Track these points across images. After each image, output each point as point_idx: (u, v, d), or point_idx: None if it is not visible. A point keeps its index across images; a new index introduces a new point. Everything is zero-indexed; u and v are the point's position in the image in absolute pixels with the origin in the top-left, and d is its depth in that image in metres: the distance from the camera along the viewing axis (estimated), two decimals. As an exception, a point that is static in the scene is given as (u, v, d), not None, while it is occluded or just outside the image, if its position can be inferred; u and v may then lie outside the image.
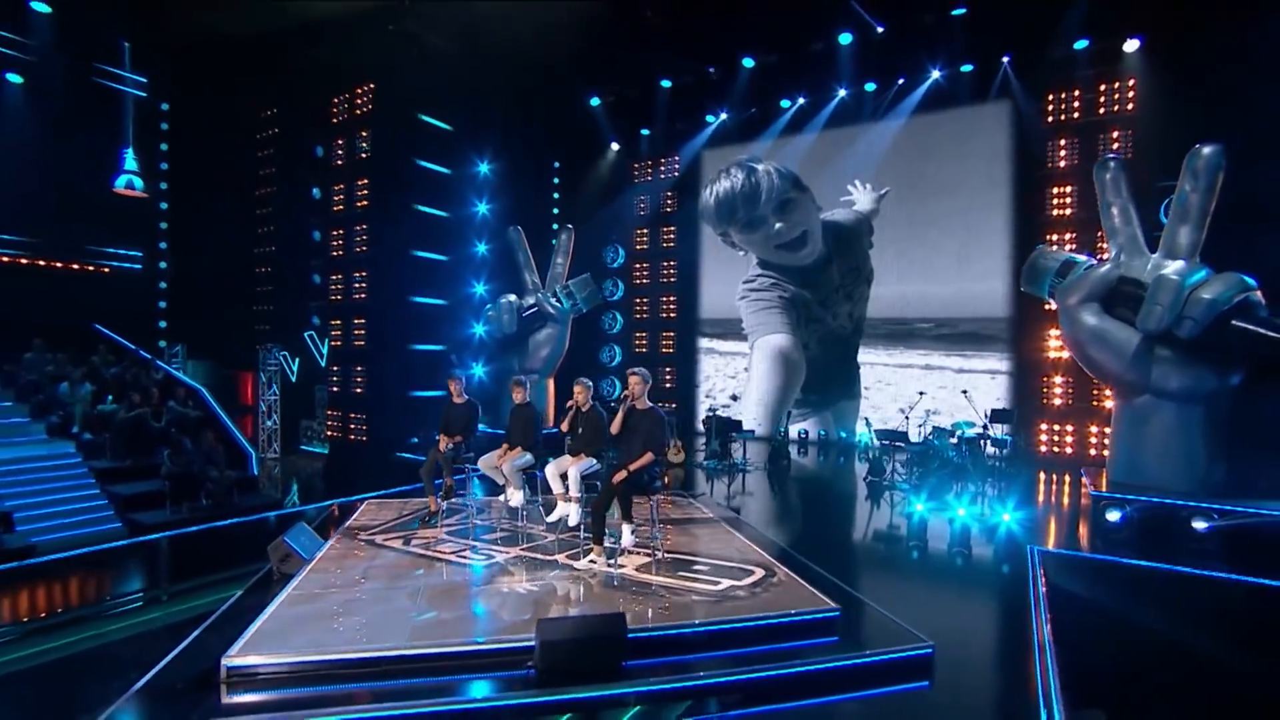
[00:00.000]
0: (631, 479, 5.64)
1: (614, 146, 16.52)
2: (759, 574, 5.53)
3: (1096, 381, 10.28)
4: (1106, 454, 9.04)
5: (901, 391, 13.21)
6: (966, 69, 12.52)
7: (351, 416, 13.56)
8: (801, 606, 4.83)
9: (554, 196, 17.11)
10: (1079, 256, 8.99)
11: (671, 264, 16.46)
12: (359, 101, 13.53)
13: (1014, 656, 4.63)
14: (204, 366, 15.27)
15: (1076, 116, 11.78)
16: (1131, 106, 11.25)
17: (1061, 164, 11.92)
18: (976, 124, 12.72)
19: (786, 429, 13.12)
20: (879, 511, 8.98)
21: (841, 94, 13.79)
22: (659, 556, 5.82)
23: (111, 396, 10.52)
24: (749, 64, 13.60)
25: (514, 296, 12.59)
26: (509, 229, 13.08)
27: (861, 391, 14.00)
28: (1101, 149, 11.32)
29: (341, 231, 13.85)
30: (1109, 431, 8.95)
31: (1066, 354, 9.53)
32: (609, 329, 16.96)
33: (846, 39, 12.41)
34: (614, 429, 5.88)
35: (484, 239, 14.97)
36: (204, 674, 3.95)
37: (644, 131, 16.06)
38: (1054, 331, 11.25)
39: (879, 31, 12.10)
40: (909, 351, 13.52)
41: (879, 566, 7.15)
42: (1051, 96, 11.93)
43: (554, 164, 17.07)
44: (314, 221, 14.40)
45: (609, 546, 5.78)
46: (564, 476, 6.25)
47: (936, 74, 12.81)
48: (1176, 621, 5.62)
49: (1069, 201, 11.79)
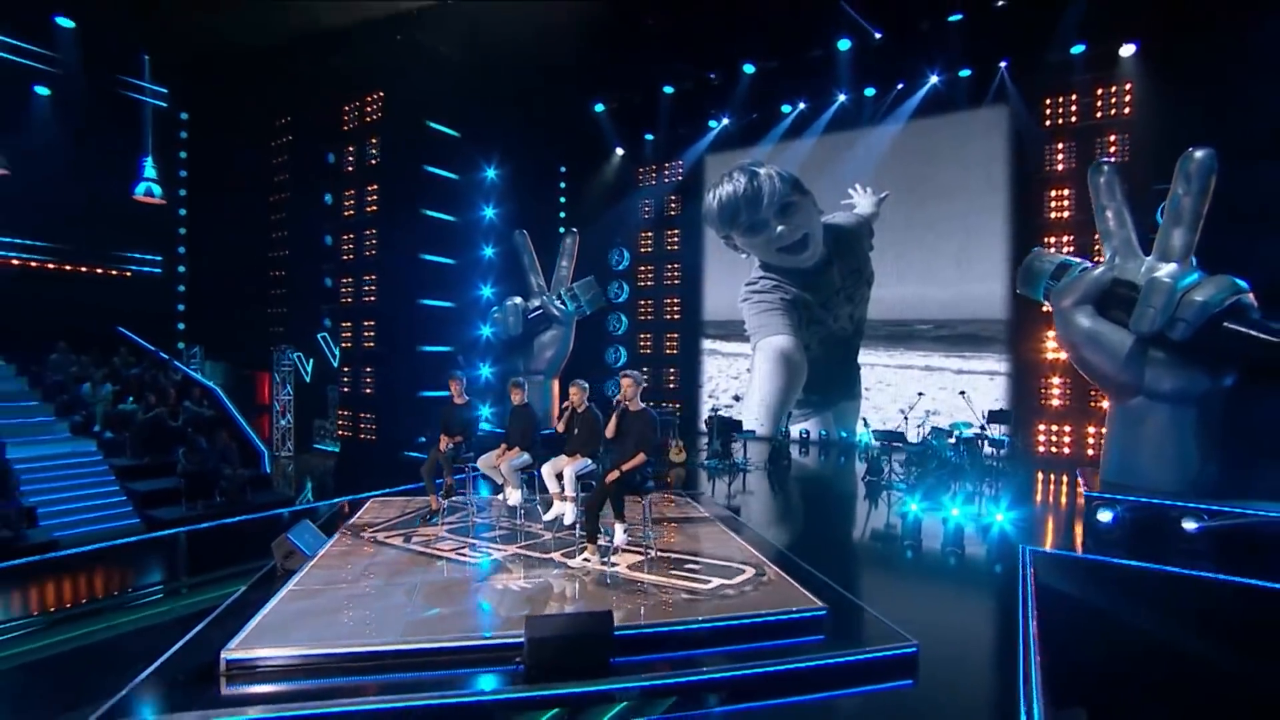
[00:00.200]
0: (624, 479, 5.72)
1: (619, 151, 16.65)
2: (750, 573, 5.58)
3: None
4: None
5: (901, 392, 13.28)
6: (964, 74, 12.57)
7: (361, 416, 13.81)
8: (789, 605, 4.88)
9: (560, 201, 17.29)
10: (1074, 259, 9.05)
11: (675, 266, 16.61)
12: (369, 109, 13.75)
13: (999, 655, 4.64)
14: (221, 367, 15.64)
15: (1074, 120, 11.82)
16: (1128, 110, 11.28)
17: (1059, 167, 11.97)
18: (975, 128, 12.76)
19: (787, 429, 13.22)
20: (876, 511, 9.02)
21: (841, 99, 13.86)
22: (651, 555, 5.90)
23: (132, 397, 10.86)
24: (749, 70, 13.69)
25: (519, 299, 12.72)
26: (515, 233, 13.24)
27: (862, 392, 14.08)
28: (1098, 152, 11.34)
29: (352, 236, 14.08)
30: (1104, 432, 9.01)
31: (1064, 355, 9.59)
32: (614, 330, 17.13)
33: (845, 45, 12.49)
34: (609, 433, 6.01)
35: (491, 243, 15.15)
36: (205, 666, 4.05)
37: (648, 136, 16.19)
38: (1052, 333, 11.29)
39: (877, 38, 12.17)
40: (909, 353, 13.59)
41: (872, 566, 7.22)
42: (1049, 101, 11.98)
43: (560, 169, 17.25)
44: (326, 226, 14.68)
45: (603, 545, 5.89)
46: (560, 476, 6.33)
47: (935, 79, 12.86)
48: (1163, 621, 5.63)
49: (1067, 204, 11.83)
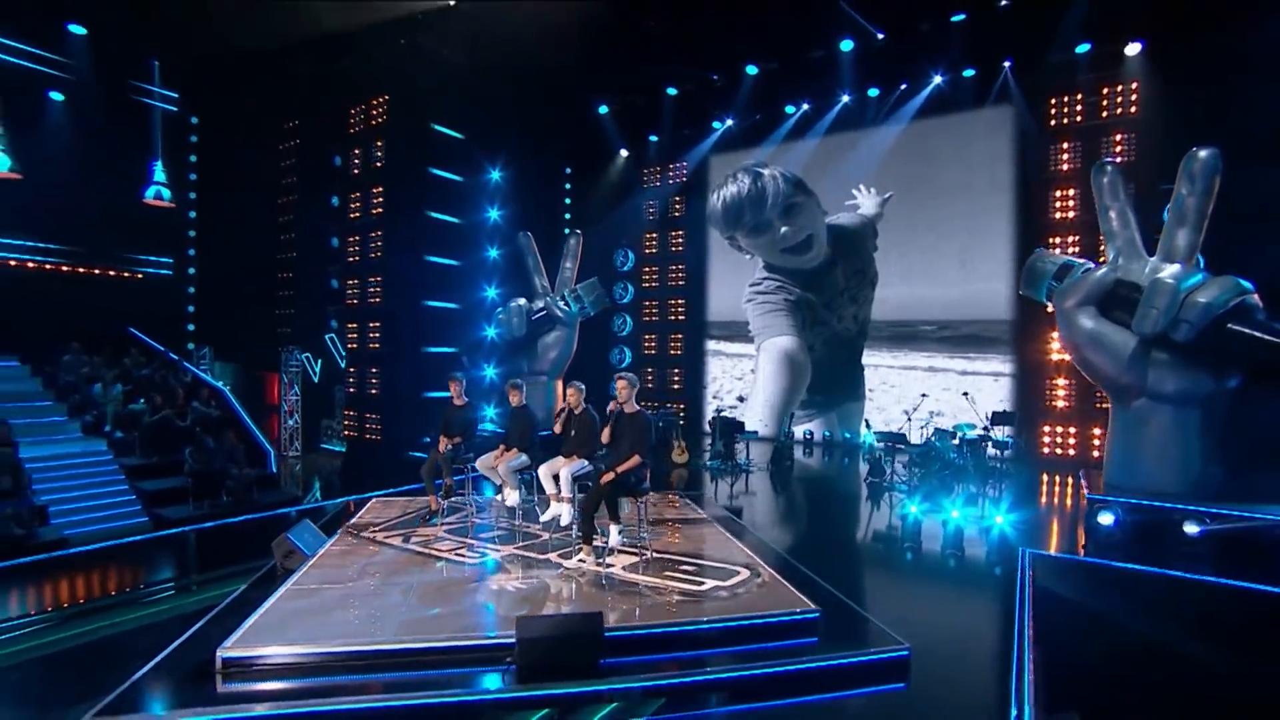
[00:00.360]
0: (618, 480, 5.74)
1: (623, 153, 16.68)
2: (744, 575, 5.60)
3: (1098, 383, 10.27)
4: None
5: (906, 393, 13.23)
6: (968, 74, 12.50)
7: (367, 416, 13.93)
8: (782, 608, 4.90)
9: (565, 202, 17.34)
10: (1077, 260, 9.00)
11: (680, 267, 16.61)
12: (374, 112, 13.86)
13: (993, 659, 4.63)
14: (230, 368, 15.84)
15: (1079, 120, 11.72)
16: (1134, 109, 11.17)
17: (1064, 167, 11.86)
18: (979, 128, 12.69)
19: (791, 430, 13.21)
20: (877, 513, 9.02)
21: (845, 99, 13.82)
22: (647, 556, 5.92)
23: (143, 398, 11.02)
24: (752, 71, 13.68)
25: (524, 300, 12.81)
26: (519, 234, 13.33)
27: (866, 393, 14.05)
28: (1104, 152, 11.24)
29: (358, 238, 14.20)
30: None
31: (1069, 356, 9.54)
32: (619, 331, 17.18)
33: (848, 46, 12.45)
34: (604, 439, 6.04)
35: (495, 244, 15.23)
36: (202, 664, 4.11)
37: (652, 138, 16.21)
38: (1056, 334, 11.20)
39: (879, 39, 12.12)
40: (913, 353, 13.54)
41: (870, 568, 7.22)
42: (1054, 100, 11.88)
43: (565, 170, 17.30)
44: (332, 228, 14.82)
45: (598, 546, 5.93)
46: (556, 477, 6.37)
47: (938, 79, 12.80)
48: (1162, 625, 5.58)
49: (1072, 205, 11.73)
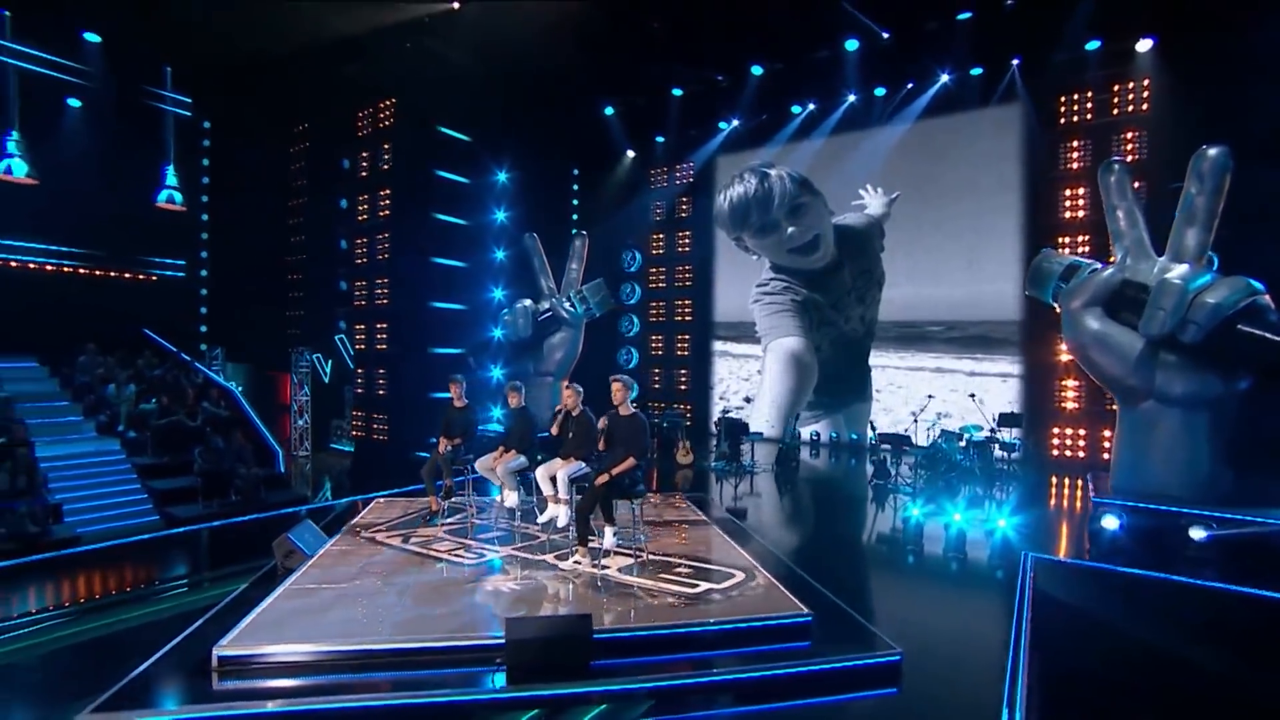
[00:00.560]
0: (613, 482, 5.77)
1: (629, 153, 16.67)
2: (739, 577, 5.58)
3: (1107, 385, 10.13)
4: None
5: (913, 394, 13.14)
6: (976, 72, 12.37)
7: (375, 417, 14.06)
8: (775, 611, 4.88)
9: (573, 203, 17.36)
10: (1083, 260, 8.90)
11: (687, 268, 16.59)
12: (382, 115, 13.96)
13: (988, 665, 4.56)
14: (242, 368, 16.06)
15: (1089, 118, 11.55)
16: (1146, 107, 10.99)
17: (1074, 166, 11.69)
18: (987, 127, 12.55)
19: (797, 431, 13.15)
20: (880, 515, 8.97)
21: (851, 99, 13.73)
22: (643, 558, 5.94)
23: (155, 398, 11.21)
24: (757, 71, 13.63)
25: (529, 301, 12.83)
26: (525, 236, 13.36)
27: (873, 394, 13.95)
28: (1114, 150, 11.07)
29: (365, 240, 14.31)
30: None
31: (1074, 358, 9.42)
32: (626, 332, 17.20)
33: (853, 45, 12.35)
34: (600, 446, 6.07)
35: (502, 246, 15.29)
36: (199, 662, 4.17)
37: (658, 138, 16.19)
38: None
39: (885, 38, 12.02)
40: (920, 354, 13.43)
41: (869, 571, 7.16)
42: (1063, 98, 11.72)
43: (572, 171, 17.32)
44: (341, 230, 14.98)
45: (594, 547, 5.96)
46: (554, 479, 6.42)
47: (945, 78, 12.68)
48: (1164, 632, 5.48)
49: (1082, 204, 11.57)
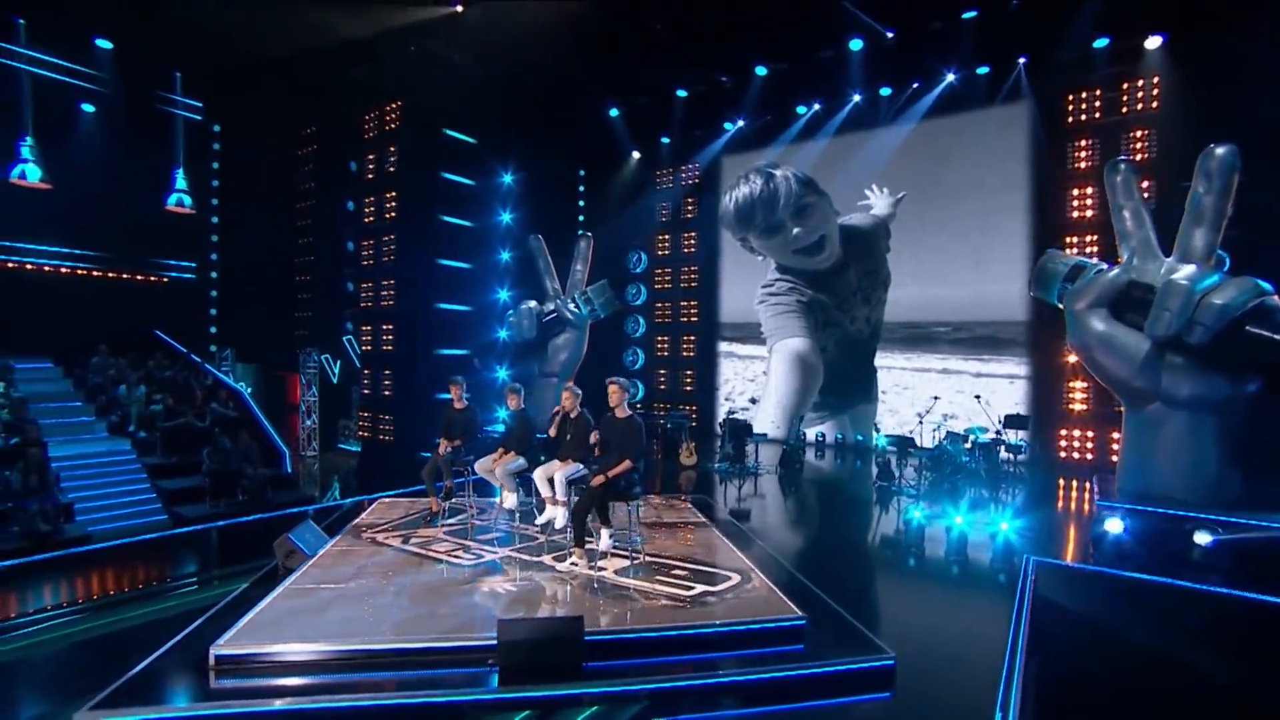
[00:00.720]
0: (608, 485, 5.80)
1: (634, 155, 16.66)
2: (735, 580, 5.60)
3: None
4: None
5: (919, 395, 13.05)
6: (982, 71, 12.25)
7: (381, 417, 14.16)
8: (769, 614, 4.89)
9: (579, 204, 17.37)
10: (1089, 260, 8.83)
11: (692, 269, 16.58)
12: (388, 118, 14.05)
13: (983, 670, 4.52)
14: (251, 369, 16.24)
15: (1098, 117, 11.40)
16: (1155, 105, 10.84)
17: (1082, 165, 11.55)
18: (993, 126, 12.42)
19: (803, 433, 13.10)
20: (883, 517, 8.92)
21: (856, 99, 13.65)
22: (639, 560, 5.96)
23: (161, 399, 11.37)
24: (761, 72, 13.57)
25: (534, 302, 12.90)
26: (529, 237, 13.42)
27: (879, 395, 13.88)
28: (1124, 149, 10.93)
29: (371, 242, 14.42)
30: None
31: (1079, 359, 9.31)
32: (632, 333, 17.21)
33: (857, 45, 12.27)
34: (594, 447, 6.10)
35: (508, 247, 15.33)
36: (197, 661, 4.23)
37: (663, 139, 16.16)
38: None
39: (889, 37, 11.93)
40: (926, 355, 13.35)
41: (868, 574, 7.12)
42: (1071, 97, 11.58)
43: (579, 172, 17.33)
44: (348, 232, 15.11)
45: (590, 549, 5.99)
46: (551, 481, 6.44)
47: (951, 77, 12.57)
48: (1165, 638, 5.43)
49: (1090, 203, 11.42)
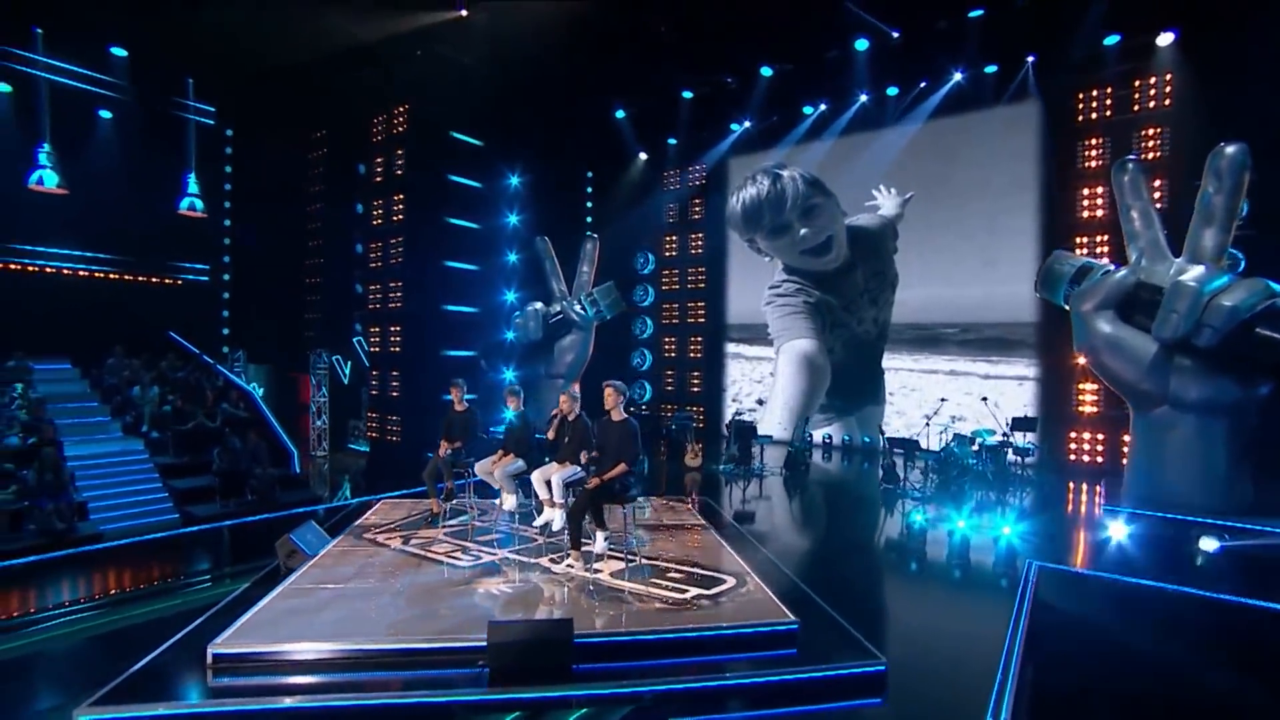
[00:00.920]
0: (603, 487, 5.83)
1: (641, 156, 16.65)
2: (730, 583, 5.58)
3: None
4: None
5: (927, 397, 12.93)
6: (989, 70, 12.11)
7: (389, 418, 14.30)
8: (763, 618, 4.88)
9: (587, 205, 17.40)
10: (1096, 261, 8.75)
11: (699, 270, 16.54)
12: (396, 121, 14.19)
13: (977, 676, 4.47)
14: (264, 370, 16.47)
15: (1109, 115, 11.22)
16: (1168, 103, 10.65)
17: (1092, 164, 11.37)
18: (1002, 125, 12.28)
19: (810, 434, 13.05)
20: (887, 520, 8.86)
21: (863, 99, 13.54)
22: (635, 563, 5.98)
23: (171, 400, 11.57)
24: (767, 73, 13.50)
25: (540, 304, 12.96)
26: (536, 239, 13.48)
27: (886, 397, 13.78)
28: (1135, 148, 10.77)
29: (379, 244, 14.56)
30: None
31: (1085, 361, 9.18)
32: (639, 334, 17.22)
33: (863, 45, 12.17)
34: (585, 458, 6.16)
35: (515, 249, 15.41)
36: (195, 659, 4.28)
37: (670, 141, 16.13)
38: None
39: (895, 37, 11.83)
40: (934, 357, 13.22)
41: (868, 578, 7.04)
42: (1081, 95, 11.42)
43: (586, 174, 17.35)
44: (357, 234, 15.28)
45: (586, 551, 6.02)
46: (549, 483, 6.49)
47: (959, 76, 12.43)
48: (1167, 646, 5.35)
49: (1100, 203, 11.25)
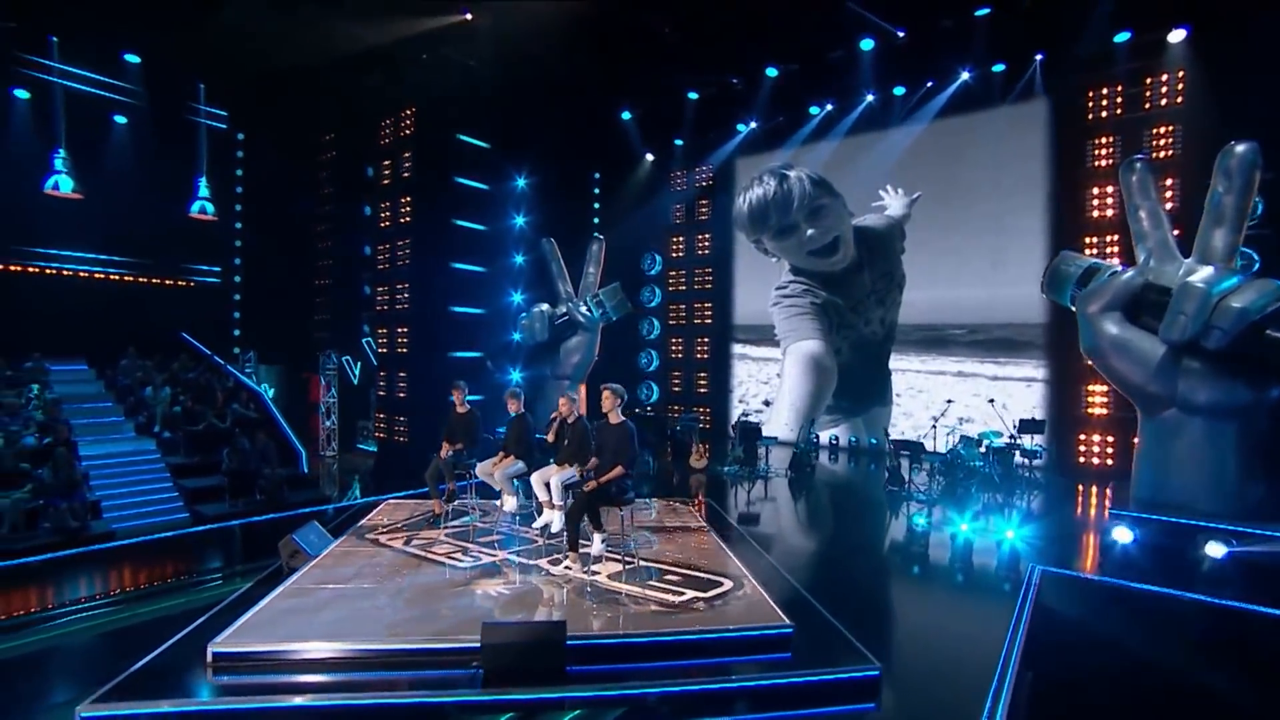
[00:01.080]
0: (601, 490, 5.86)
1: (648, 157, 16.65)
2: (726, 586, 5.56)
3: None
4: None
5: (934, 399, 12.81)
6: (998, 69, 11.98)
7: (396, 419, 14.41)
8: (759, 621, 4.86)
9: (594, 207, 17.43)
10: (1103, 262, 8.63)
11: (706, 271, 16.53)
12: (403, 124, 14.31)
13: (973, 682, 4.42)
14: (274, 370, 16.66)
15: (1119, 113, 11.08)
16: (1179, 100, 10.49)
17: (1102, 163, 11.23)
18: (1010, 124, 12.16)
19: (817, 436, 12.99)
20: (891, 523, 8.81)
21: (869, 99, 13.45)
22: (633, 565, 5.97)
23: (180, 401, 11.73)
24: (772, 73, 13.46)
25: (546, 305, 13.02)
26: (542, 240, 13.53)
27: (893, 398, 13.69)
28: (1146, 146, 10.62)
29: (387, 246, 14.69)
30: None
31: (1092, 363, 9.07)
32: (646, 335, 17.23)
33: (868, 45, 12.10)
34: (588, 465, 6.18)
35: (521, 250, 15.49)
36: (196, 657, 4.32)
37: (676, 141, 16.12)
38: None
39: (900, 37, 11.75)
40: (942, 358, 13.12)
41: (868, 582, 6.97)
42: (1091, 93, 11.28)
43: (593, 175, 17.38)
44: (365, 236, 15.42)
45: (584, 553, 6.03)
46: (548, 485, 6.54)
47: (966, 75, 12.33)
48: (1170, 652, 5.29)
49: (1110, 202, 11.09)
